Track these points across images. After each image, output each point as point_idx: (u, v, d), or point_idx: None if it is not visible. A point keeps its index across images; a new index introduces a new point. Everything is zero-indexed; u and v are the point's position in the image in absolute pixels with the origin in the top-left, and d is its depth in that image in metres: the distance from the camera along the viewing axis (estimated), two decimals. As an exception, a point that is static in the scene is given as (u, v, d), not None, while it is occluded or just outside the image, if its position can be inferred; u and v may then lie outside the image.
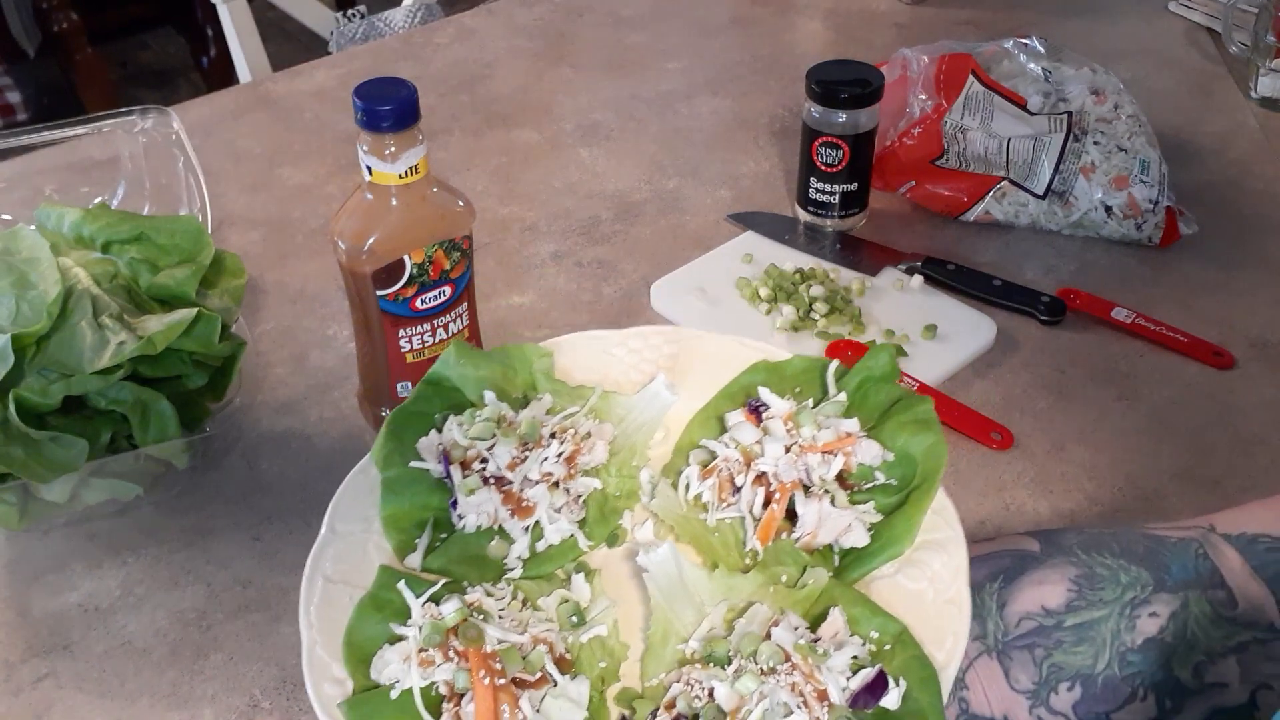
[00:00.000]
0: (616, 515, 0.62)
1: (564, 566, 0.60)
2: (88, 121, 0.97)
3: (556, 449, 0.62)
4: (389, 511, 0.60)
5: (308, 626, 0.55)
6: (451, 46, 1.33)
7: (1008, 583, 0.54)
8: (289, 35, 2.75)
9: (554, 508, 0.61)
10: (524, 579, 0.59)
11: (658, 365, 0.67)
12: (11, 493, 0.70)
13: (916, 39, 1.11)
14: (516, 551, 0.60)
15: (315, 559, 0.58)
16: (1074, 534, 0.56)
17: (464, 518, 0.61)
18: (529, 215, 1.06)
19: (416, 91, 0.71)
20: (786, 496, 0.60)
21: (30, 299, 0.71)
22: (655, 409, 0.65)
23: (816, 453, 0.60)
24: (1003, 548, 0.55)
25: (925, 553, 0.57)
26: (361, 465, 0.62)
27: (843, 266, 0.97)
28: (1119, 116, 1.01)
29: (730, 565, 0.59)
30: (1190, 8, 1.36)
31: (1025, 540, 0.56)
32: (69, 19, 2.58)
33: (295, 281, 0.98)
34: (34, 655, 0.69)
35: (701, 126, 1.18)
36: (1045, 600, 0.53)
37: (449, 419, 0.63)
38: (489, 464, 0.61)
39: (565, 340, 0.68)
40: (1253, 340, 0.90)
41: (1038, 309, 0.92)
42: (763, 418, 0.63)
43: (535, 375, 0.66)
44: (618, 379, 0.67)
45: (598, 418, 0.65)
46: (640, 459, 0.64)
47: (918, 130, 1.01)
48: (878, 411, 0.62)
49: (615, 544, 0.61)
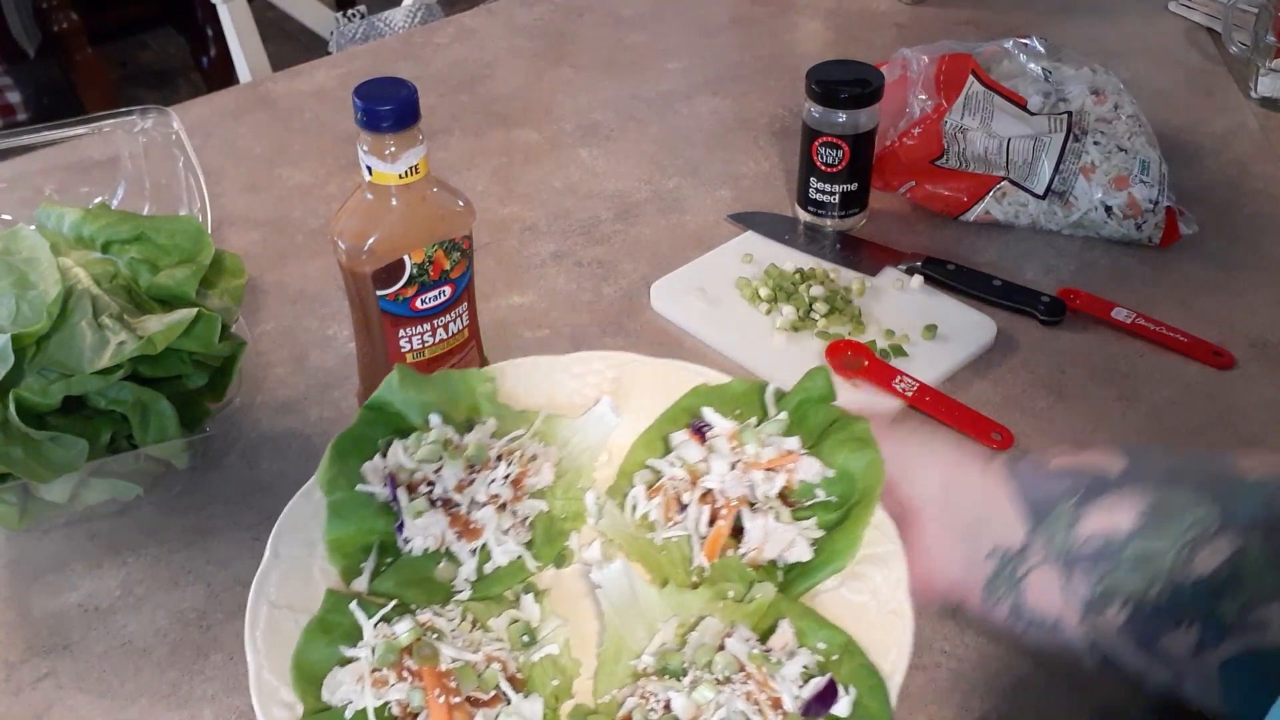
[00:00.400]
0: (563, 537, 0.63)
1: (512, 588, 0.60)
2: (88, 121, 0.97)
3: (504, 471, 0.62)
4: (334, 535, 0.60)
5: (254, 651, 0.55)
6: (451, 46, 1.33)
7: (1082, 504, 0.56)
8: (289, 35, 2.75)
9: (501, 529, 0.61)
10: (473, 600, 0.59)
11: (601, 389, 0.68)
12: (12, 493, 0.70)
13: (916, 39, 1.11)
14: (464, 574, 0.61)
15: (259, 584, 0.58)
16: (1161, 455, 0.57)
17: (410, 541, 0.61)
18: (529, 215, 1.06)
19: (416, 91, 0.71)
20: (733, 513, 0.61)
21: (30, 299, 0.71)
22: (600, 432, 0.66)
23: (761, 469, 0.62)
24: (1087, 464, 0.57)
25: (867, 566, 0.59)
26: (305, 489, 0.62)
27: (843, 266, 0.97)
28: (1119, 116, 1.01)
29: (679, 582, 0.60)
30: (1190, 8, 1.36)
31: (1113, 459, 0.57)
32: (69, 19, 2.58)
33: (295, 281, 0.98)
34: (34, 655, 0.69)
35: (702, 126, 1.18)
36: (1113, 525, 0.55)
37: (394, 443, 0.63)
38: (436, 487, 0.61)
39: (509, 365, 0.68)
40: (1253, 340, 0.90)
41: (1038, 309, 0.92)
42: (707, 437, 0.64)
43: (479, 399, 0.66)
44: (562, 403, 0.67)
45: (543, 441, 0.66)
46: (586, 481, 0.65)
47: (918, 130, 1.01)
48: (817, 431, 0.64)
49: (563, 565, 0.62)
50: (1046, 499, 0.57)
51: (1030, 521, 0.57)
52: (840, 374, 0.85)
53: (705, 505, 0.62)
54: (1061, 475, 0.57)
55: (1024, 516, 0.57)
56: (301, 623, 0.56)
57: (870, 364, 0.86)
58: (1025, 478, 0.58)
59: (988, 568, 0.57)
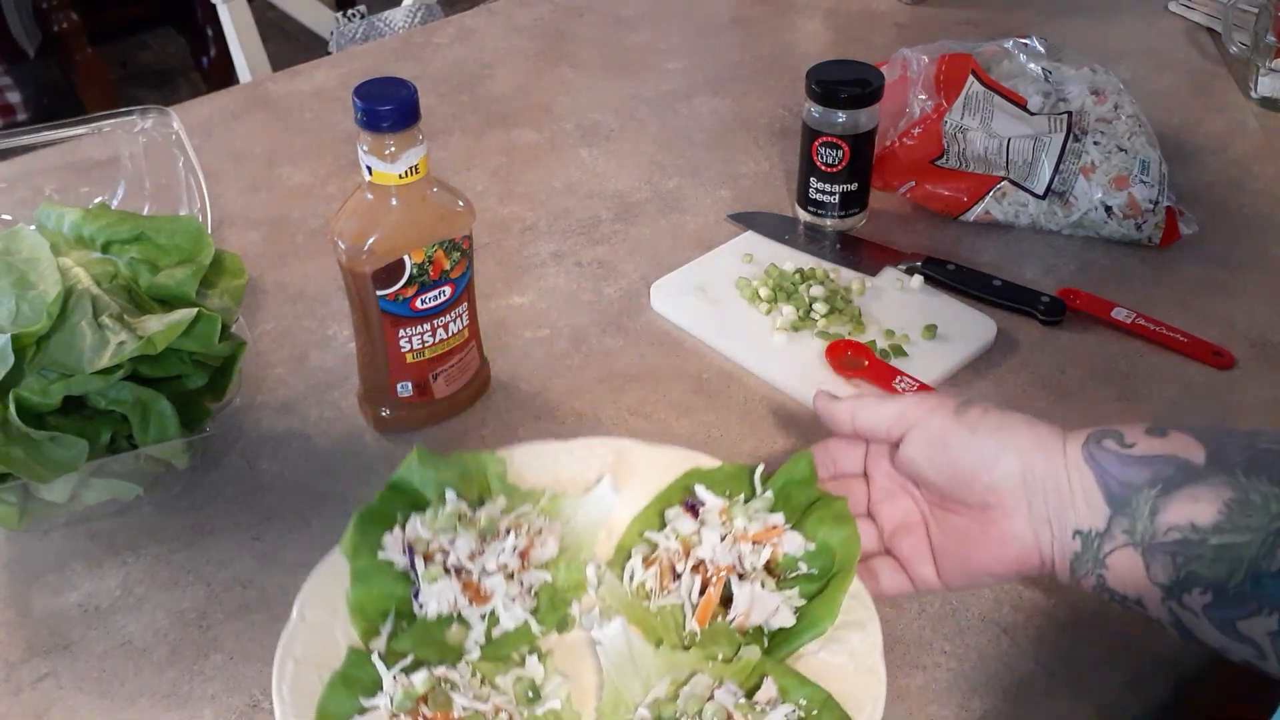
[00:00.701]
0: (566, 605, 0.68)
1: (518, 650, 0.65)
2: (88, 121, 0.97)
3: (512, 543, 0.67)
4: (356, 598, 0.65)
5: (281, 701, 0.60)
6: (451, 46, 1.33)
7: (1164, 493, 0.57)
8: (289, 35, 2.75)
9: (509, 596, 0.66)
10: (481, 661, 0.64)
11: (602, 471, 0.73)
12: (11, 493, 0.70)
13: (916, 39, 1.11)
14: (474, 636, 0.65)
15: (286, 643, 0.63)
16: (1243, 442, 0.58)
17: (426, 605, 0.66)
18: (529, 215, 1.06)
19: (416, 91, 0.71)
20: (722, 582, 0.66)
21: (30, 299, 0.71)
22: (601, 509, 0.72)
23: (748, 542, 0.67)
24: (1169, 451, 0.58)
25: (845, 631, 0.64)
26: (329, 558, 0.67)
27: (843, 266, 0.97)
28: (1119, 116, 1.01)
29: (672, 644, 0.65)
30: (1190, 8, 1.36)
31: (1193, 446, 0.58)
32: (69, 19, 2.58)
33: (295, 281, 0.98)
34: (34, 655, 0.69)
35: (702, 126, 1.18)
36: (1195, 517, 0.56)
37: (412, 516, 0.69)
38: (450, 556, 0.67)
39: (518, 449, 0.74)
40: (1253, 340, 0.90)
41: (1038, 309, 0.92)
42: (699, 513, 0.70)
43: (490, 480, 0.72)
44: (566, 483, 0.73)
45: (549, 517, 0.71)
46: (587, 553, 0.70)
47: (918, 130, 1.01)
48: (799, 510, 0.69)
49: (565, 630, 0.67)
50: (1128, 486, 0.58)
51: (1112, 507, 0.59)
52: (840, 374, 0.85)
53: (697, 574, 0.67)
54: (1143, 463, 0.58)
55: (1106, 500, 0.59)
56: (324, 678, 0.62)
57: (870, 364, 0.86)
58: (1106, 464, 0.59)
59: (1075, 546, 0.60)
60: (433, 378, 0.81)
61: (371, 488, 0.79)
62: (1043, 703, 0.66)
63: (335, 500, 0.78)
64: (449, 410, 0.84)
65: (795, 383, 0.86)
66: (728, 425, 0.84)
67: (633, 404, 0.86)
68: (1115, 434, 0.60)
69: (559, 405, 0.86)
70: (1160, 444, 0.59)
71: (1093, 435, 0.61)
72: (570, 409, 0.85)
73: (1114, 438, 0.60)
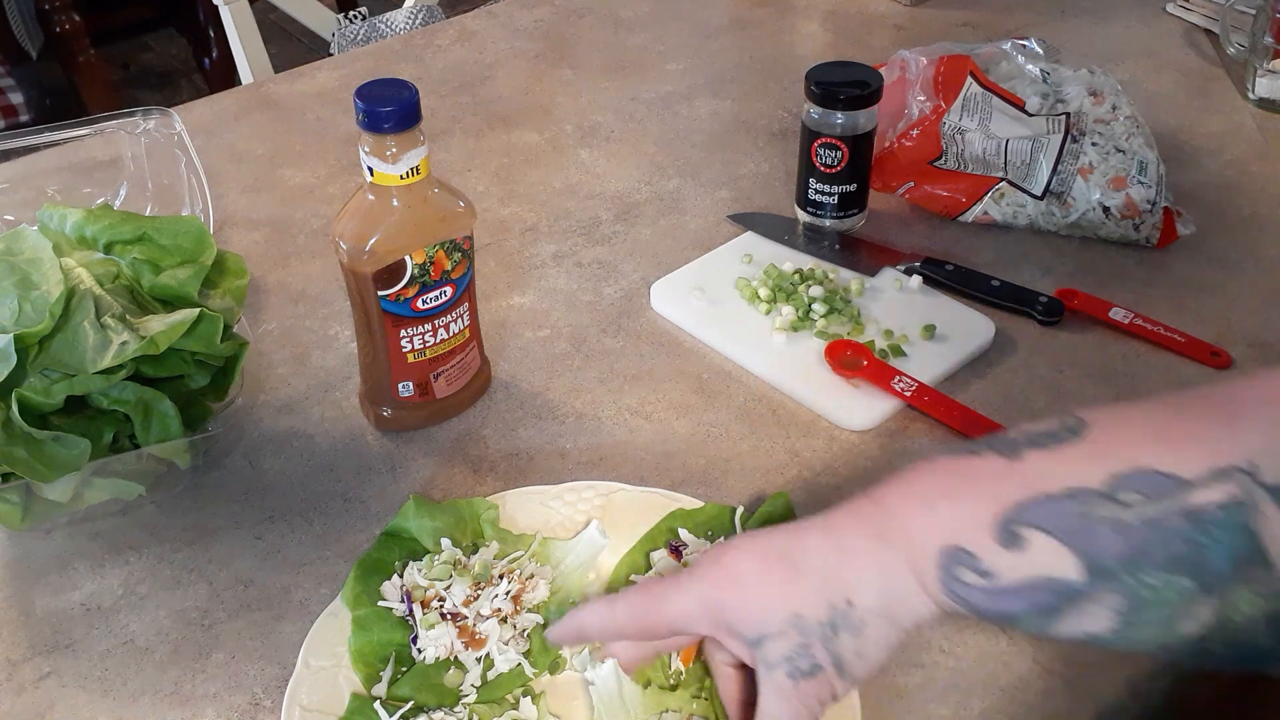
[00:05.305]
0: (557, 646, 0.69)
1: (512, 692, 0.67)
2: (90, 122, 0.98)
3: (505, 588, 0.70)
4: (358, 646, 0.68)
5: None
6: (452, 48, 1.34)
7: (1047, 622, 0.53)
8: (290, 37, 2.76)
9: (503, 640, 0.68)
10: (478, 704, 0.66)
11: (590, 515, 0.76)
12: (14, 492, 0.71)
13: (915, 41, 1.12)
14: (470, 679, 0.67)
15: (292, 690, 0.66)
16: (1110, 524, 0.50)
17: (424, 650, 0.68)
18: (529, 216, 1.06)
19: (418, 93, 0.71)
20: None
21: (33, 299, 0.71)
22: (590, 552, 0.73)
23: None
24: (1036, 572, 0.52)
25: None
26: (330, 609, 0.70)
27: (842, 267, 0.97)
28: (1117, 117, 1.01)
29: (659, 683, 0.67)
30: (1188, 9, 1.36)
31: (1060, 555, 0.51)
32: (71, 20, 2.58)
33: (297, 282, 0.98)
34: (36, 654, 0.70)
35: (701, 127, 1.19)
36: (1090, 628, 0.52)
37: (409, 564, 0.72)
38: (446, 602, 0.69)
39: (509, 494, 0.77)
40: (1250, 340, 0.91)
41: (1036, 309, 0.92)
42: (682, 555, 0.72)
43: (483, 525, 0.74)
44: (555, 527, 0.76)
45: (539, 561, 0.73)
46: (578, 596, 0.72)
47: (916, 131, 1.02)
48: None
49: (556, 671, 0.68)
50: (1007, 617, 0.53)
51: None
52: (840, 374, 0.86)
53: None
54: (1013, 594, 0.52)
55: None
56: None
57: (869, 364, 0.86)
58: (976, 600, 0.53)
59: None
60: (434, 378, 0.81)
61: (372, 487, 0.79)
62: (1040, 702, 0.66)
63: (337, 499, 0.79)
64: (450, 410, 0.84)
65: (795, 383, 0.86)
66: (727, 425, 0.84)
67: (633, 404, 0.86)
68: (964, 556, 0.52)
69: (559, 405, 0.86)
70: (1022, 562, 0.51)
71: (943, 568, 0.53)
72: (570, 409, 0.86)
73: (966, 563, 0.52)
